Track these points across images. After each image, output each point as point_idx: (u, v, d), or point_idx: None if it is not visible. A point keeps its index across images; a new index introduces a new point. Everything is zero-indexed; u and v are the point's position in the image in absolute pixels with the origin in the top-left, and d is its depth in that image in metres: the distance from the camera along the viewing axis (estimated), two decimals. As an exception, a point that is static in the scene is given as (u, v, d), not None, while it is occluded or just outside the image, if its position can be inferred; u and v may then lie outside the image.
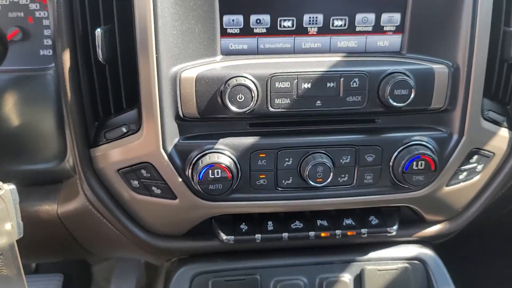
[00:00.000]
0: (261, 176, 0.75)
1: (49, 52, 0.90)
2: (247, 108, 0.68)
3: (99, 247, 1.04)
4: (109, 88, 0.73)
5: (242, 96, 0.68)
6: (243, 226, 0.82)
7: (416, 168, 0.74)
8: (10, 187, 0.71)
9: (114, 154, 0.74)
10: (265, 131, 0.74)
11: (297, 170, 0.75)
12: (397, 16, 0.73)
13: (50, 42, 0.89)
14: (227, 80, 0.69)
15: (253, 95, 0.68)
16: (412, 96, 0.70)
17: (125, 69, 0.71)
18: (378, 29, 0.74)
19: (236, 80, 0.68)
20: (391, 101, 0.70)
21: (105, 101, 0.74)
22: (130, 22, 0.69)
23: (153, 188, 0.75)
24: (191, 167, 0.72)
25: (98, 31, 0.68)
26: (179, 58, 0.69)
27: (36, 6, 0.88)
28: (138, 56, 0.68)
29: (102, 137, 0.75)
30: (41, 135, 0.83)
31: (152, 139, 0.71)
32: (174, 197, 0.75)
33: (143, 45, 0.67)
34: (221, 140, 0.73)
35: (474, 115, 0.75)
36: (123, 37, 0.70)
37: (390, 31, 0.74)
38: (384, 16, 0.73)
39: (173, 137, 0.72)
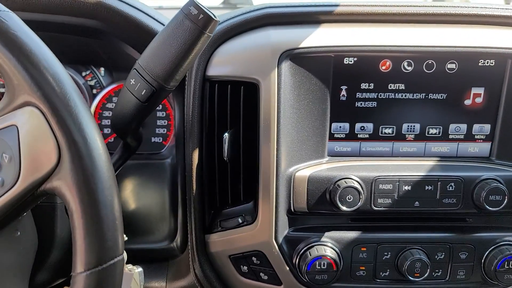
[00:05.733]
0: (361, 268, 0.81)
1: (159, 139, 1.02)
2: (355, 207, 0.76)
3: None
4: (228, 183, 0.82)
5: (351, 196, 0.76)
6: (338, 313, 0.87)
7: (507, 267, 0.79)
8: (138, 269, 0.80)
9: (228, 242, 0.82)
10: (366, 225, 0.82)
11: (394, 264, 0.81)
12: (487, 127, 0.82)
13: (161, 131, 1.01)
14: (336, 181, 0.77)
15: (361, 196, 0.76)
16: (505, 201, 0.77)
17: (245, 166, 0.81)
18: (469, 137, 0.82)
19: (346, 182, 0.76)
20: (486, 205, 0.77)
21: (224, 193, 0.83)
22: (251, 127, 0.79)
23: (261, 274, 0.82)
24: (298, 257, 0.79)
25: (226, 135, 0.78)
26: (293, 159, 0.79)
27: (153, 100, 1.01)
28: (260, 158, 0.77)
29: (217, 225, 0.83)
30: (156, 217, 0.92)
31: (266, 231, 0.79)
32: (279, 283, 0.82)
33: (266, 149, 0.77)
34: (326, 234, 0.80)
35: (562, 219, 0.80)
36: (245, 139, 0.81)
37: (480, 139, 0.82)
38: (476, 127, 0.82)
39: (284, 229, 0.80)
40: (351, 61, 0.78)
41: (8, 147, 0.49)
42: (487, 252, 0.80)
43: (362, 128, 0.82)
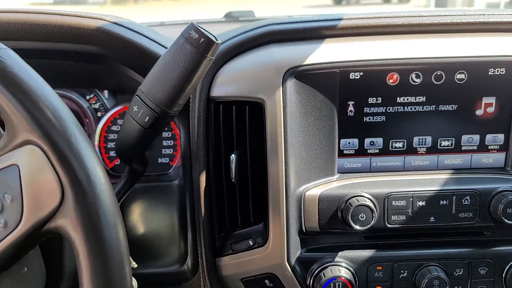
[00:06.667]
0: (377, 287, 0.79)
1: (166, 160, 1.00)
2: (368, 226, 0.74)
3: None
4: (237, 204, 0.81)
5: (364, 215, 0.74)
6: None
7: (530, 281, 0.77)
8: None
9: (239, 265, 0.80)
10: (380, 243, 0.79)
11: (412, 282, 0.78)
12: (500, 137, 0.79)
13: (167, 152, 1.00)
14: (348, 199, 0.75)
15: (374, 214, 0.74)
16: (524, 214, 0.74)
17: (254, 187, 0.80)
18: (482, 148, 0.80)
19: (358, 200, 0.74)
20: (504, 219, 0.74)
21: (233, 215, 0.82)
22: (258, 147, 0.78)
23: (275, 296, 0.80)
24: (312, 278, 0.77)
25: (233, 157, 0.77)
26: (303, 178, 0.77)
27: (159, 121, 1.00)
28: (268, 178, 0.76)
29: (228, 248, 0.82)
30: (166, 240, 0.91)
31: (278, 252, 0.77)
32: (294, 306, 0.80)
33: (274, 169, 0.75)
34: (340, 253, 0.78)
35: None
36: (252, 160, 0.79)
37: (494, 149, 0.80)
38: (489, 137, 0.79)
39: (296, 250, 0.78)
40: (357, 76, 0.76)
41: (9, 187, 0.47)
42: (508, 266, 0.78)
43: (372, 143, 0.80)
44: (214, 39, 0.62)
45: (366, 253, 0.78)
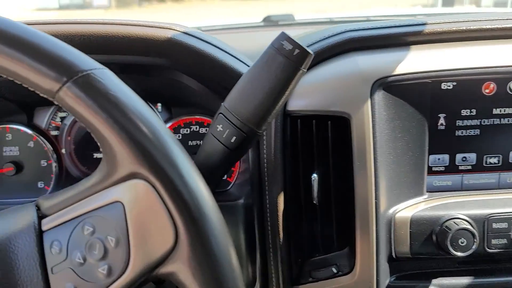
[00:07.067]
0: (476, 319, 0.72)
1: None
2: (469, 251, 0.67)
3: None
4: (319, 228, 0.74)
5: (464, 240, 0.67)
6: None
7: None
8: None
9: (321, 294, 0.74)
10: (478, 269, 0.73)
11: (514, 312, 0.72)
12: None
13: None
14: (443, 222, 0.68)
15: (475, 239, 0.67)
16: None
17: (337, 210, 0.73)
18: None
19: (456, 224, 0.67)
20: None
21: (312, 240, 0.75)
22: (341, 165, 0.71)
23: (361, 329, 0.74)
24: (404, 309, 0.70)
25: (315, 176, 0.70)
26: (392, 200, 0.70)
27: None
28: (356, 199, 0.69)
29: (307, 275, 0.75)
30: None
31: (366, 281, 0.70)
32: (382, 338, 0.73)
33: (363, 189, 0.68)
34: (433, 281, 0.71)
35: None
36: (335, 180, 0.72)
37: None
38: None
39: (385, 278, 0.72)
40: (449, 86, 0.69)
41: (112, 228, 0.41)
42: None
43: (464, 159, 0.73)
44: (308, 50, 0.56)
45: (464, 280, 0.71)
